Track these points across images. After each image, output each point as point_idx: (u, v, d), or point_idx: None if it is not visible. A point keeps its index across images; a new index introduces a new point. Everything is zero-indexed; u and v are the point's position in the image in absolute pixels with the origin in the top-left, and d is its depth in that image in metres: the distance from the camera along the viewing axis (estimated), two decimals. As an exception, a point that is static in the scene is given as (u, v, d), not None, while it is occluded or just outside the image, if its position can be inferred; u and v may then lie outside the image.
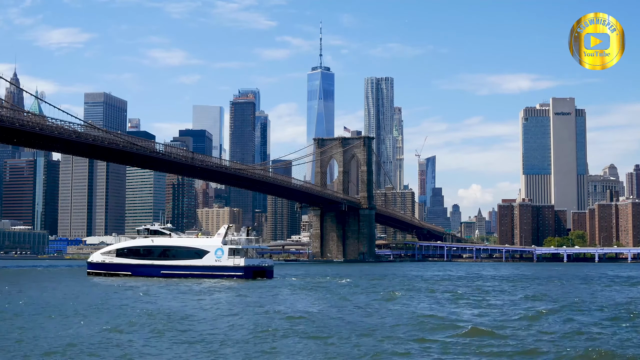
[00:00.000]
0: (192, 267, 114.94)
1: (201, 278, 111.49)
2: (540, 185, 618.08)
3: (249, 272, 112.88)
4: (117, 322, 51.37)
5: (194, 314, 57.62)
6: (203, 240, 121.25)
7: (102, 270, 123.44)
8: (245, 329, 48.28)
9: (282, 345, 41.22)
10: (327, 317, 55.72)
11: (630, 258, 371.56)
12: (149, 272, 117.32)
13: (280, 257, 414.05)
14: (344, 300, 74.98)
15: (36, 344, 41.17)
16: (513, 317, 56.56)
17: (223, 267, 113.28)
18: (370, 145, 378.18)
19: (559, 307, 66.65)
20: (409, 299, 76.58)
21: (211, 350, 39.55)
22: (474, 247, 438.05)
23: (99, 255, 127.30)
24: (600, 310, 63.49)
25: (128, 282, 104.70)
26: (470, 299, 77.48)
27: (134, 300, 71.48)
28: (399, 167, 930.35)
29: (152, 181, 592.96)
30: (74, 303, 67.78)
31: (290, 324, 50.52)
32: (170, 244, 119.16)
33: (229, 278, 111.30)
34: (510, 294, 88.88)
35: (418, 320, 53.38)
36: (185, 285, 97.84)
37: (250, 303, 69.49)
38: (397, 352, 39.23)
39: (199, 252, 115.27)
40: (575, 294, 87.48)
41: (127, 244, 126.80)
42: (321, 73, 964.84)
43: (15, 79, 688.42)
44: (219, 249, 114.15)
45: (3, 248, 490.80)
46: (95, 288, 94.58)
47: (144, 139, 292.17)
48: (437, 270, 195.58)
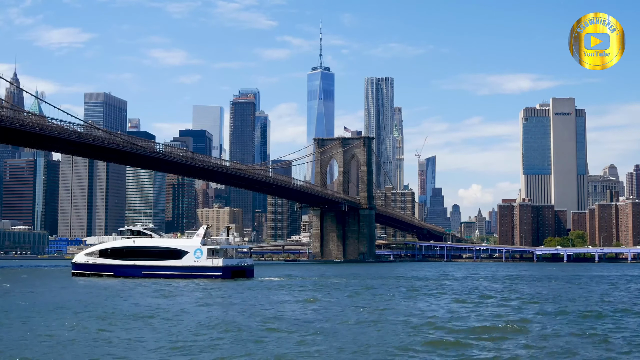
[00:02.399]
0: (172, 267, 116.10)
1: (180, 278, 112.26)
2: (540, 185, 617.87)
3: (228, 272, 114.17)
4: (60, 322, 51.80)
5: (142, 314, 57.78)
6: (183, 241, 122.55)
7: (85, 271, 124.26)
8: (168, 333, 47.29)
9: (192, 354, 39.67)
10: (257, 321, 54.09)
11: (630, 258, 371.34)
12: (131, 273, 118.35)
13: (280, 257, 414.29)
14: (306, 302, 73.56)
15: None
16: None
17: (202, 267, 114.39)
18: (370, 145, 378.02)
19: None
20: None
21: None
22: (474, 247, 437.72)
23: (82, 256, 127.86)
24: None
25: (103, 283, 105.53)
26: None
27: (94, 302, 71.02)
28: (399, 167, 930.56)
29: (152, 181, 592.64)
30: (26, 303, 68.70)
31: (225, 326, 49.86)
32: (151, 244, 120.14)
33: (208, 278, 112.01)
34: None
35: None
36: (157, 285, 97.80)
37: (204, 304, 68.66)
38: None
39: (179, 253, 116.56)
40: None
41: (110, 244, 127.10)
42: (321, 73, 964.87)
43: (15, 79, 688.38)
44: (198, 249, 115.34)
45: (3, 248, 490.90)
46: (65, 290, 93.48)
47: (144, 139, 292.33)
48: (435, 271, 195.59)
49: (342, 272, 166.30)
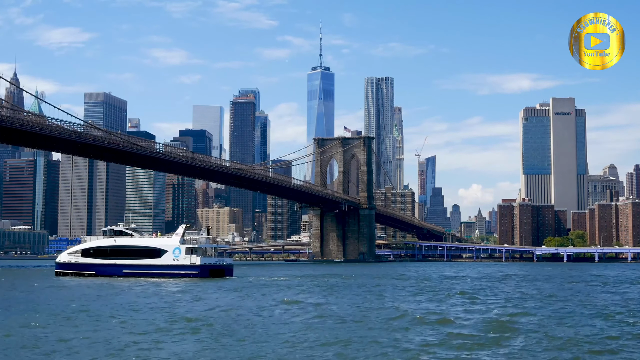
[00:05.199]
0: (151, 266, 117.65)
1: (159, 277, 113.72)
2: (540, 185, 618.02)
3: (205, 270, 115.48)
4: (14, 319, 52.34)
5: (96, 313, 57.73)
6: (162, 240, 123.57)
7: (68, 270, 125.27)
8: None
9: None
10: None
11: (630, 258, 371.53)
12: (112, 272, 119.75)
13: (280, 257, 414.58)
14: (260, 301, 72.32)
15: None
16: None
17: (180, 266, 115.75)
18: (370, 145, 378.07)
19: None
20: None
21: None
22: (474, 247, 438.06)
23: (65, 255, 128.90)
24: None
25: (75, 282, 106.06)
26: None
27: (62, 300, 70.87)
28: (399, 167, 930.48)
29: (152, 181, 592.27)
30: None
31: (170, 325, 49.37)
32: (132, 244, 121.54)
33: (185, 277, 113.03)
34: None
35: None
36: (128, 284, 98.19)
37: (159, 303, 68.15)
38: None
39: (158, 252, 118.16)
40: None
41: (92, 244, 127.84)
42: (321, 73, 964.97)
43: (15, 79, 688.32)
44: (177, 248, 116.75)
45: (3, 248, 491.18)
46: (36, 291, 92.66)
47: (144, 139, 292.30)
48: (434, 271, 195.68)
49: (340, 272, 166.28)
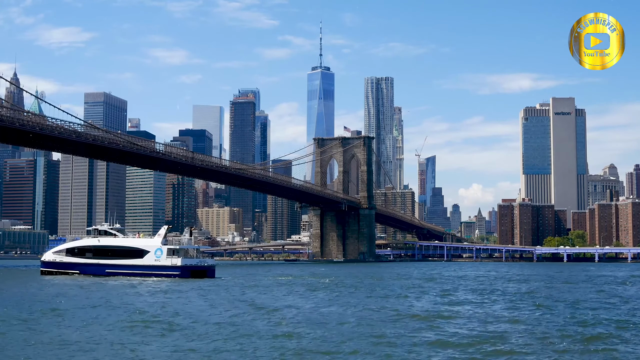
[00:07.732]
0: (134, 266, 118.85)
1: (141, 277, 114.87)
2: (540, 185, 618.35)
3: (186, 271, 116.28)
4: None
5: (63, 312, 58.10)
6: (145, 241, 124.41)
7: (53, 269, 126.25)
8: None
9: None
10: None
11: (630, 258, 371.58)
12: (95, 271, 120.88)
13: (280, 257, 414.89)
14: (235, 300, 72.39)
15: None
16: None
17: (161, 267, 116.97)
18: (370, 145, 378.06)
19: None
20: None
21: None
22: (474, 247, 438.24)
23: (50, 254, 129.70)
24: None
25: (58, 281, 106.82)
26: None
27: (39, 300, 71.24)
28: (399, 167, 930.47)
29: (152, 181, 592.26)
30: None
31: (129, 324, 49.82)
32: (115, 244, 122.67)
33: (166, 277, 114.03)
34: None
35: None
36: (110, 284, 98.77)
37: (122, 302, 68.39)
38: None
39: (140, 252, 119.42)
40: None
41: (77, 243, 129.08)
42: (321, 73, 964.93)
43: (15, 79, 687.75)
44: (159, 248, 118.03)
45: (3, 248, 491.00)
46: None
47: (144, 139, 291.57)
48: (432, 270, 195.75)
49: (338, 272, 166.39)
